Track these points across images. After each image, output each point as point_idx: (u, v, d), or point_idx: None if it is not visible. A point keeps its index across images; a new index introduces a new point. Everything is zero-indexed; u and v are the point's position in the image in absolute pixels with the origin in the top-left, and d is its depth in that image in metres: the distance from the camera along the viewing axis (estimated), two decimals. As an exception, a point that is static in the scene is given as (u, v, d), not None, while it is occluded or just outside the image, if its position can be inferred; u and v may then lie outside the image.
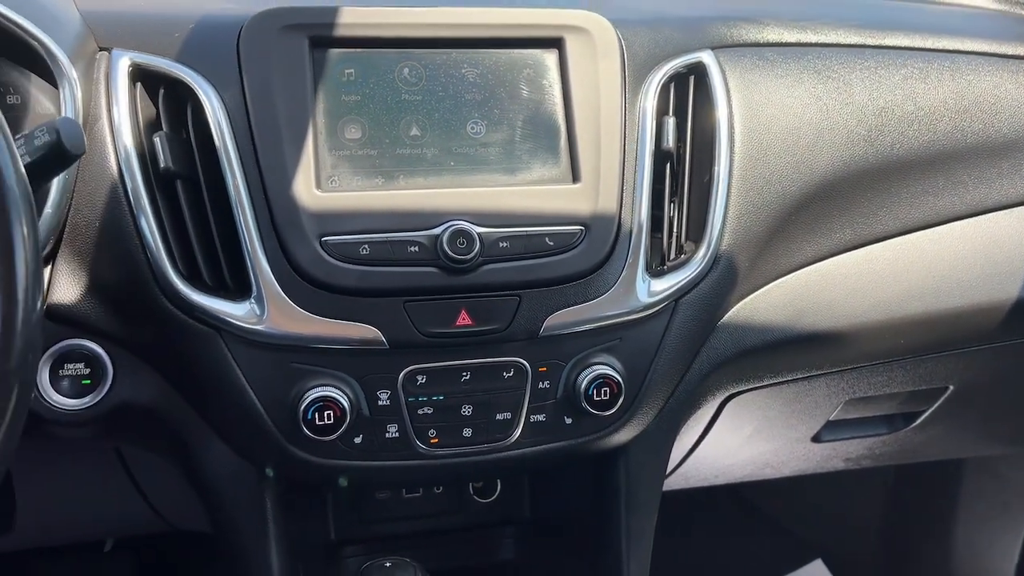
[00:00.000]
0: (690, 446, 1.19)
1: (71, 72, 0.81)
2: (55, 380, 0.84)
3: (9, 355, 0.56)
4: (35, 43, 0.81)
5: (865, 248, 1.07)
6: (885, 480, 1.94)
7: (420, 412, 0.86)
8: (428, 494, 1.16)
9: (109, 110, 0.84)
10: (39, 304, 0.58)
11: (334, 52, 0.87)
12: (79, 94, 0.82)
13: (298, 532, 1.02)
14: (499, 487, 1.17)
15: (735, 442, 1.23)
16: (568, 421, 0.89)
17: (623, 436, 0.93)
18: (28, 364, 0.58)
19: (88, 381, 0.85)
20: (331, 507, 1.11)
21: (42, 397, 0.84)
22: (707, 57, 0.98)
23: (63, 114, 0.82)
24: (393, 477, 0.88)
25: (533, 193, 0.88)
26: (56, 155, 0.68)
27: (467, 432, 0.87)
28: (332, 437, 0.83)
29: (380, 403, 0.84)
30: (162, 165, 0.82)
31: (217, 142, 0.83)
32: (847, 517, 2.03)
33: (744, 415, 1.16)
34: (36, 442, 0.83)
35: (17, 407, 0.57)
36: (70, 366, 0.85)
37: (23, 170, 0.60)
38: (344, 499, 1.12)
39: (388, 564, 0.86)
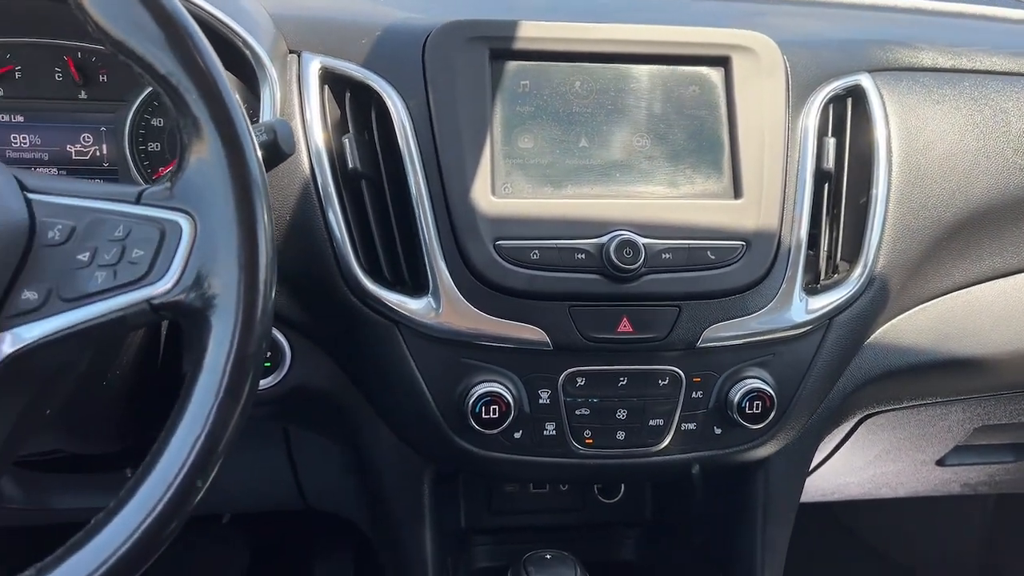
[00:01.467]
0: (818, 462, 1.21)
1: (272, 73, 0.87)
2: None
3: (250, 340, 0.61)
4: (242, 45, 0.86)
5: (1013, 276, 1.06)
6: (984, 506, 1.91)
7: (577, 413, 0.89)
8: (554, 490, 1.20)
9: (302, 111, 0.89)
10: (273, 292, 0.63)
11: (512, 64, 0.91)
12: (278, 95, 0.87)
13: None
14: (623, 489, 1.20)
15: (860, 461, 1.23)
16: (717, 431, 0.92)
17: (768, 449, 0.95)
18: (263, 349, 0.63)
19: (268, 364, 0.91)
20: (463, 497, 1.16)
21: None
22: (865, 80, 0.99)
23: (262, 114, 0.87)
24: (547, 473, 0.91)
25: (696, 207, 0.90)
26: (271, 154, 0.73)
27: (620, 435, 0.90)
28: (495, 431, 0.87)
29: (540, 401, 0.88)
30: (350, 165, 0.87)
31: (402, 146, 0.87)
32: (945, 543, 2.00)
33: (875, 435, 1.17)
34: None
35: (251, 388, 0.62)
36: (262, 347, 0.90)
37: (262, 164, 0.65)
38: (476, 490, 1.16)
39: (548, 556, 0.89)
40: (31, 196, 0.63)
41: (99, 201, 0.63)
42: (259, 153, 0.64)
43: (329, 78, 0.91)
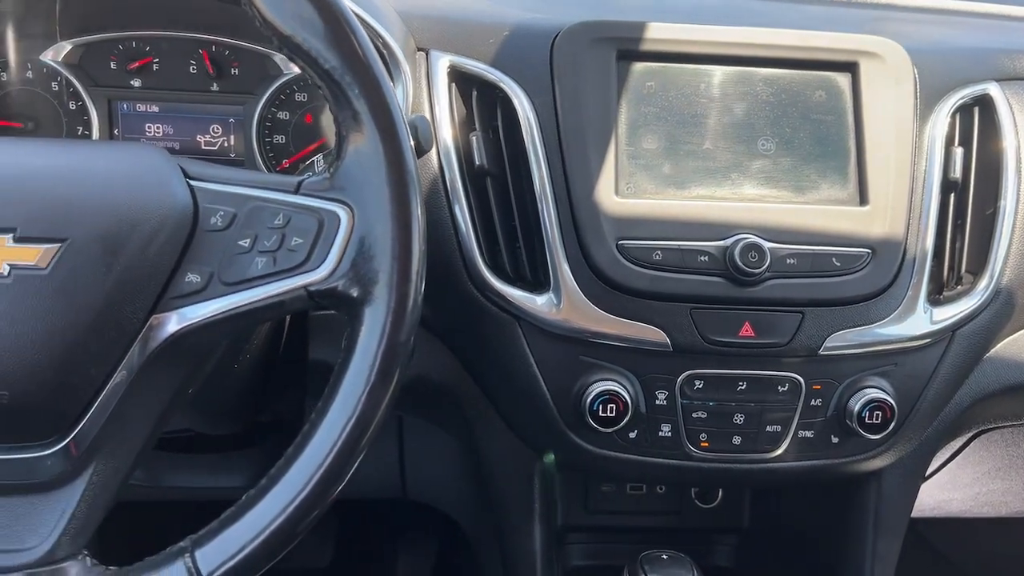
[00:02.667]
0: (925, 475, 1.18)
1: (406, 70, 0.89)
2: (362, 350, 0.93)
3: (401, 328, 0.63)
4: (379, 42, 0.88)
5: None
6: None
7: (694, 415, 0.89)
8: (651, 492, 1.20)
9: (431, 108, 0.91)
10: (423, 283, 0.65)
11: (638, 65, 0.92)
12: (410, 92, 0.89)
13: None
14: (720, 494, 1.20)
15: (968, 477, 1.21)
16: (835, 440, 0.91)
17: (883, 460, 0.94)
18: (412, 339, 0.64)
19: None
20: (560, 494, 1.16)
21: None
22: (994, 89, 0.97)
23: (395, 110, 0.89)
24: (659, 474, 0.91)
25: (821, 213, 0.89)
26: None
27: (736, 440, 0.90)
28: (611, 429, 0.87)
29: (657, 402, 0.89)
30: (477, 163, 0.89)
31: (527, 144, 0.89)
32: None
33: (987, 450, 1.14)
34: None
35: (400, 375, 0.64)
36: (374, 338, 0.93)
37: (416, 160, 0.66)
38: (574, 488, 1.17)
39: (665, 556, 0.90)
40: (193, 183, 0.65)
41: (259, 190, 0.65)
42: (414, 149, 0.66)
43: (456, 76, 0.93)
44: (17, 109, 1.03)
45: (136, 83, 1.03)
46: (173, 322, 0.63)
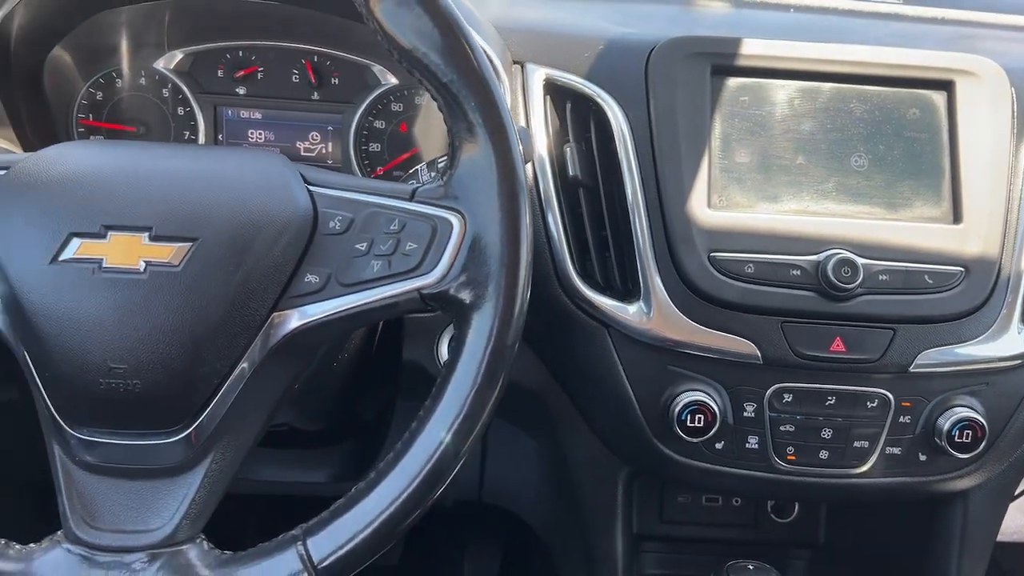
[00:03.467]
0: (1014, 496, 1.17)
1: (505, 82, 0.92)
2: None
3: (508, 332, 0.65)
4: None
5: None
6: None
7: (782, 428, 0.90)
8: (727, 504, 1.20)
9: (526, 119, 0.93)
10: (530, 289, 0.67)
11: (732, 80, 0.93)
12: (508, 103, 0.92)
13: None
14: (796, 509, 1.19)
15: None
16: (922, 458, 0.91)
17: (971, 480, 0.93)
18: (517, 343, 0.66)
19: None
20: (636, 502, 1.17)
21: (440, 366, 0.95)
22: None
23: (491, 121, 0.92)
24: (743, 486, 0.92)
25: (914, 230, 0.89)
26: None
27: (823, 455, 0.90)
28: (698, 439, 0.88)
29: (745, 414, 0.89)
30: (570, 173, 0.91)
31: (620, 156, 0.90)
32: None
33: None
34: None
35: (505, 379, 0.66)
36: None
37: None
38: (649, 496, 1.18)
39: (752, 567, 0.91)
40: (312, 189, 0.69)
41: (376, 196, 0.68)
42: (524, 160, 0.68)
43: (551, 89, 0.95)
44: (129, 114, 1.08)
45: (241, 91, 1.08)
46: (293, 320, 0.67)
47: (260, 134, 1.10)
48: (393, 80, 1.07)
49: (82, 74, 1.07)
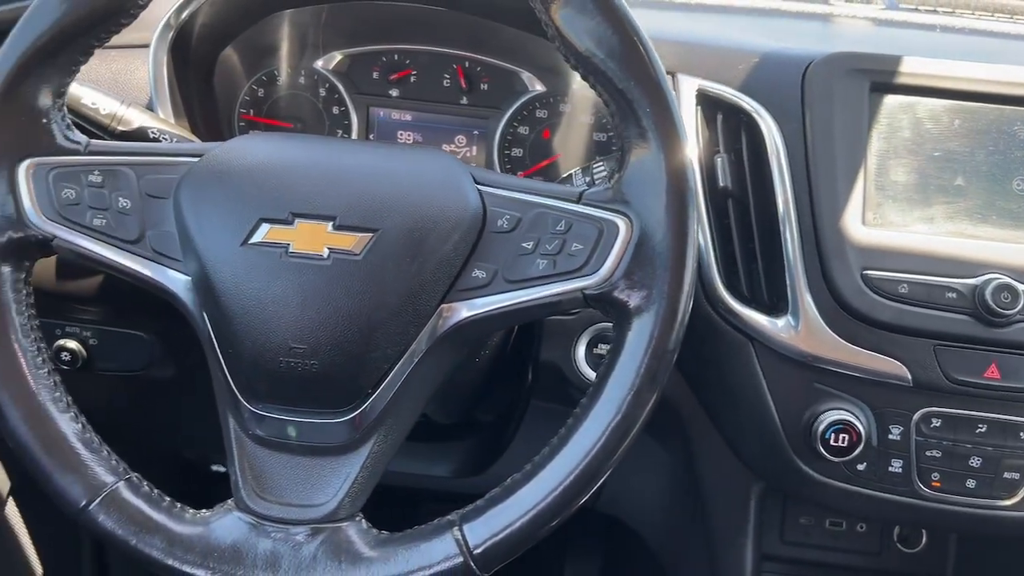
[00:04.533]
0: None
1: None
2: (588, 355, 0.97)
3: (670, 336, 0.66)
4: None
5: None
6: None
7: (928, 453, 0.88)
8: (851, 529, 1.17)
9: None
10: (693, 296, 0.68)
11: (891, 98, 0.91)
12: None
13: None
14: (924, 538, 1.16)
15: None
16: (1078, 496, 0.87)
17: None
18: (677, 348, 0.67)
19: (609, 361, 0.96)
20: (755, 522, 1.16)
21: (577, 368, 0.96)
22: None
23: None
24: (882, 510, 0.90)
25: (1079, 257, 0.86)
26: None
27: (970, 483, 0.88)
28: (841, 459, 0.87)
29: (891, 436, 0.88)
30: (720, 183, 0.91)
31: (773, 168, 0.90)
32: None
33: None
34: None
35: (663, 381, 0.67)
36: (604, 346, 0.97)
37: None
38: (771, 516, 1.16)
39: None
40: (481, 188, 0.71)
41: (544, 197, 0.70)
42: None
43: (702, 99, 0.95)
44: (287, 111, 1.14)
45: (394, 92, 1.12)
46: (460, 312, 0.69)
47: (409, 135, 1.13)
48: (540, 87, 1.09)
49: (246, 72, 1.13)
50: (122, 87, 1.00)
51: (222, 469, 1.38)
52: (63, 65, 0.71)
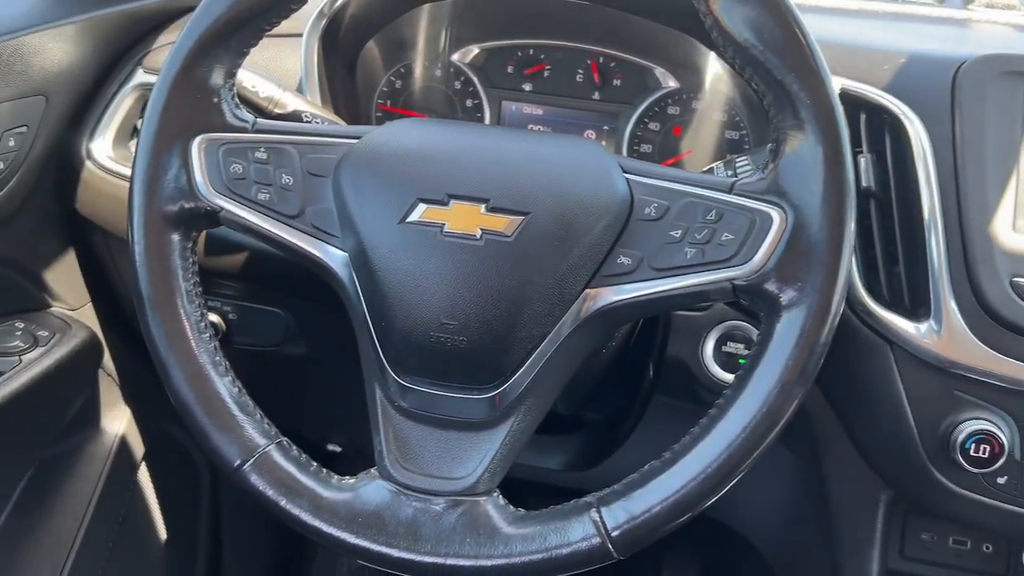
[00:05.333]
0: None
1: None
2: (717, 352, 0.96)
3: (822, 331, 0.66)
4: None
5: None
6: None
7: (1075, 470, 0.84)
8: (975, 549, 1.13)
9: None
10: (846, 292, 0.67)
11: (1047, 100, 0.88)
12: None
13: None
14: (1056, 565, 1.11)
15: None
16: None
17: None
18: (829, 343, 0.66)
19: (744, 361, 0.95)
20: (882, 532, 1.13)
21: (704, 365, 0.96)
22: None
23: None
24: (1022, 528, 0.87)
25: None
26: None
27: (1120, 505, 0.84)
28: (981, 471, 0.84)
29: (1035, 450, 0.85)
30: (863, 184, 0.90)
31: (919, 170, 0.88)
32: None
33: None
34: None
35: (811, 379, 0.66)
36: (733, 344, 0.96)
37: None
38: (893, 529, 1.13)
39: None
40: (629, 176, 0.72)
41: (693, 187, 0.70)
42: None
43: (845, 99, 0.94)
44: (421, 103, 1.17)
45: (527, 87, 1.14)
46: (604, 297, 0.70)
47: (538, 129, 1.15)
48: (673, 83, 1.10)
49: (385, 65, 1.17)
50: (272, 74, 1.05)
51: (338, 449, 1.43)
52: (235, 47, 0.75)
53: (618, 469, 0.71)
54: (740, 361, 0.96)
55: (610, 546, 0.67)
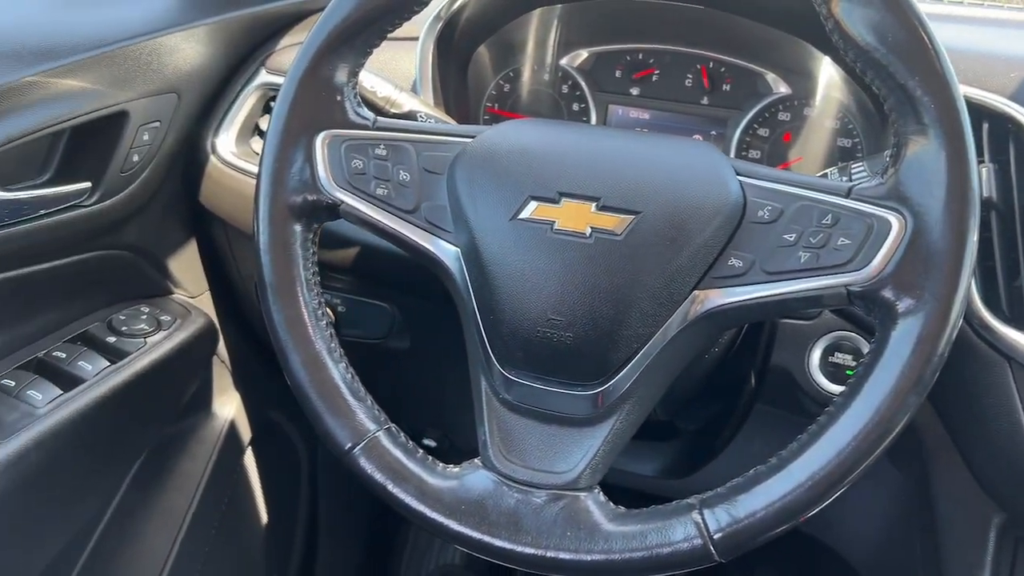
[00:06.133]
0: None
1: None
2: (823, 363, 0.95)
3: (940, 341, 0.64)
4: None
5: None
6: None
7: None
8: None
9: None
10: (966, 303, 0.65)
11: None
12: None
13: None
14: None
15: None
16: None
17: None
18: (947, 353, 0.65)
19: (851, 372, 0.93)
20: (993, 556, 1.08)
21: (810, 375, 0.95)
22: None
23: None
24: None
25: None
26: None
27: None
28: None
29: None
30: (984, 194, 0.87)
31: (1047, 181, 0.85)
32: None
33: None
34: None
35: (926, 389, 0.65)
36: (840, 355, 0.94)
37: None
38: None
39: None
40: (743, 179, 0.71)
41: (809, 191, 0.69)
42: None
43: (968, 107, 0.91)
44: (528, 106, 1.19)
45: (635, 91, 1.14)
46: (713, 299, 0.70)
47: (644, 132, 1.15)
48: (785, 89, 1.08)
49: (494, 68, 1.19)
50: (388, 75, 1.08)
51: (433, 443, 1.46)
52: (360, 47, 0.78)
53: (715, 478, 0.70)
54: (847, 372, 0.94)
55: (712, 548, 0.67)
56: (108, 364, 1.00)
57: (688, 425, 1.26)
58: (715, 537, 0.67)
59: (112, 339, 1.04)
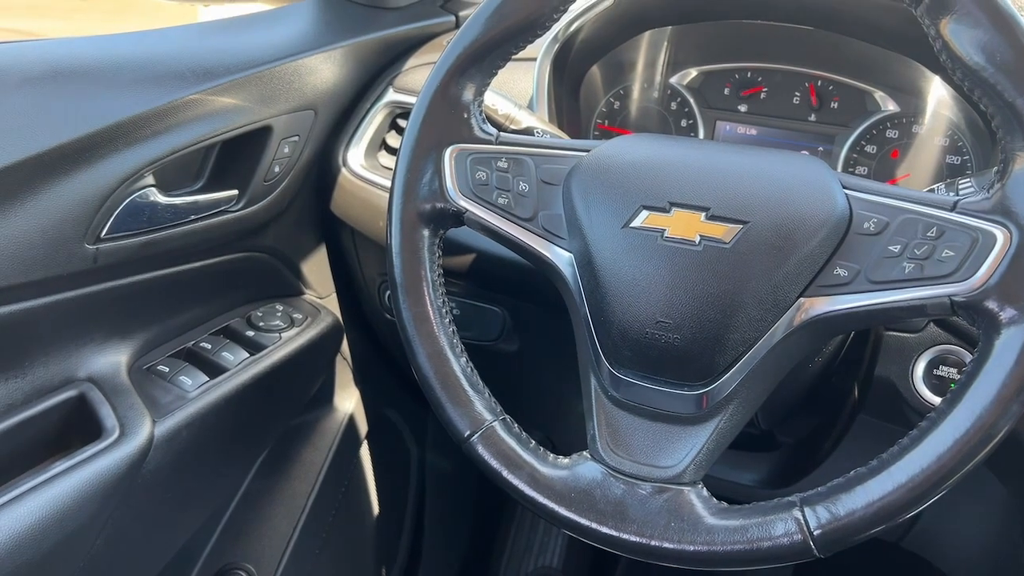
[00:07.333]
0: None
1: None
2: (928, 375, 0.96)
3: None
4: None
5: None
6: None
7: None
8: None
9: None
10: None
11: None
12: None
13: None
14: None
15: None
16: None
17: None
18: None
19: (953, 384, 0.94)
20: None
21: (914, 388, 0.96)
22: None
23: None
24: None
25: None
26: None
27: None
28: None
29: None
30: None
31: None
32: None
33: None
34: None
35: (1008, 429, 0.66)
36: (945, 368, 0.95)
37: None
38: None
39: None
40: (849, 192, 0.74)
41: (914, 204, 0.72)
42: None
43: None
44: (637, 123, 1.24)
45: (743, 108, 1.18)
46: (819, 306, 0.73)
47: (752, 149, 1.18)
48: (893, 107, 1.10)
49: (605, 87, 1.25)
50: (507, 93, 1.15)
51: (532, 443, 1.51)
52: (487, 68, 0.85)
53: (817, 488, 0.73)
54: (951, 385, 0.95)
55: (812, 544, 0.69)
56: (248, 355, 1.10)
57: (789, 437, 1.28)
58: (815, 533, 0.69)
59: (251, 333, 1.14)
